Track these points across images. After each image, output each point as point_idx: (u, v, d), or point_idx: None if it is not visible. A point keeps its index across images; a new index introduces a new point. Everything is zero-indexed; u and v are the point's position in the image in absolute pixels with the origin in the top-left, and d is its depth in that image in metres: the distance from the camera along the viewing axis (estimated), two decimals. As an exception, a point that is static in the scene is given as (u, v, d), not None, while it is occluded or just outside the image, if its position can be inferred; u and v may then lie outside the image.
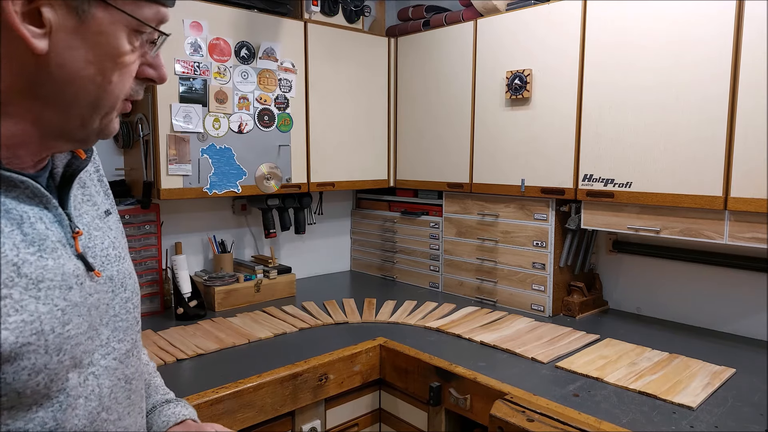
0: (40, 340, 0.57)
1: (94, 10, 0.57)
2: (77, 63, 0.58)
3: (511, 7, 2.20)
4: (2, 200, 0.58)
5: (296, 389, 1.64)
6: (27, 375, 0.55)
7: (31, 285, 0.57)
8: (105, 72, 0.60)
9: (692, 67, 1.69)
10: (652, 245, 2.17)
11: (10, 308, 0.54)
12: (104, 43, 0.59)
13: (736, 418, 1.36)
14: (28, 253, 0.58)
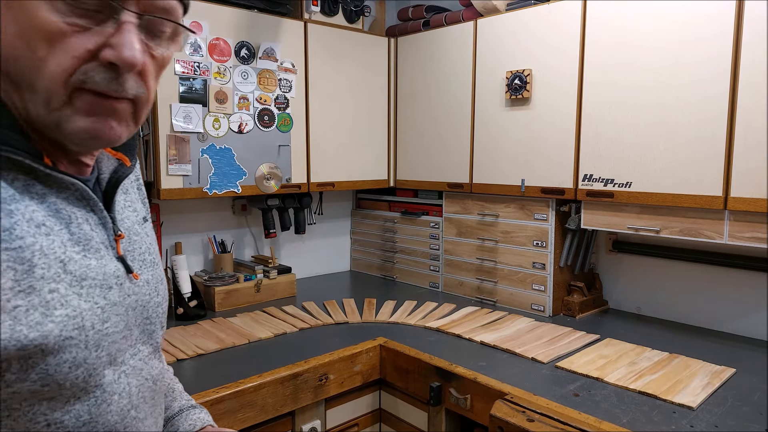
0: (81, 335, 0.58)
1: None
2: (7, 39, 0.55)
3: (511, 7, 2.20)
4: (54, 200, 0.60)
5: (296, 389, 1.65)
6: (68, 368, 0.57)
7: (75, 282, 0.59)
8: (34, 48, 0.55)
9: (692, 67, 1.69)
10: (652, 245, 2.17)
11: (57, 302, 0.56)
12: (27, 15, 0.54)
13: (736, 417, 1.36)
14: (74, 251, 0.60)
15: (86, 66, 0.56)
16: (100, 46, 0.56)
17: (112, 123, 0.60)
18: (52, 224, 0.58)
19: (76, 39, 0.55)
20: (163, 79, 1.92)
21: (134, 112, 0.62)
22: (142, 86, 0.61)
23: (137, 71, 0.59)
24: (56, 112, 0.57)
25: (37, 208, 0.58)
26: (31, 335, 0.53)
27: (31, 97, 0.57)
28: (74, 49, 0.55)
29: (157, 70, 0.63)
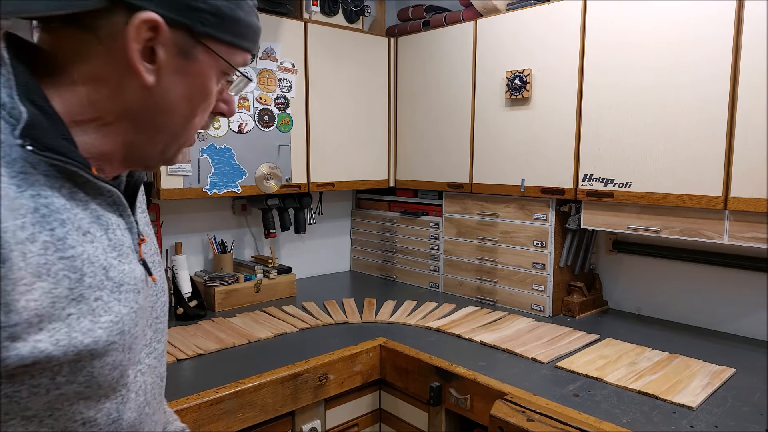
0: (121, 340, 0.61)
1: (198, 53, 0.64)
2: (175, 97, 0.64)
3: (511, 7, 2.20)
4: (94, 207, 0.62)
5: (296, 389, 1.65)
6: (108, 370, 0.60)
7: (115, 288, 0.61)
8: (194, 107, 0.67)
9: (692, 66, 1.69)
10: (652, 245, 2.17)
11: (101, 309, 0.59)
12: (199, 82, 0.65)
13: (736, 418, 1.36)
14: (112, 257, 0.62)
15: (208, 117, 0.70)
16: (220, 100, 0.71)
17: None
18: (95, 231, 0.61)
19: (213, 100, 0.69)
20: (163, 79, 1.92)
21: None
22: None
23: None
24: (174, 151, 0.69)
25: (83, 216, 0.60)
26: (85, 341, 0.56)
27: (162, 139, 0.67)
28: (210, 107, 0.69)
29: None
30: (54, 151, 0.57)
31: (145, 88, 0.62)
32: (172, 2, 0.60)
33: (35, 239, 0.53)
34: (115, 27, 0.59)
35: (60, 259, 0.55)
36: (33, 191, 0.55)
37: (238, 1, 0.65)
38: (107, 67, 0.61)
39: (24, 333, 0.52)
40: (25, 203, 0.54)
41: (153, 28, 0.59)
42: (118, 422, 0.64)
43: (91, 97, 0.62)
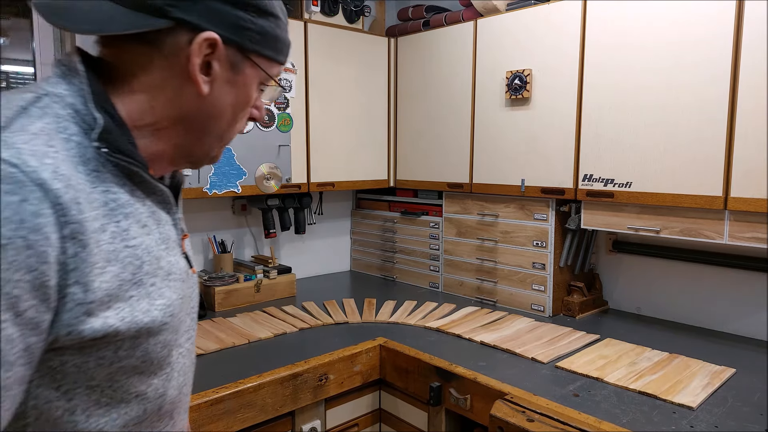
0: (172, 321, 0.70)
1: (245, 67, 0.73)
2: (224, 104, 0.73)
3: (511, 7, 2.20)
4: (149, 203, 0.71)
5: (296, 389, 1.65)
6: (159, 348, 0.68)
7: (165, 276, 0.70)
8: (237, 113, 0.76)
9: (692, 67, 1.69)
10: (652, 245, 2.17)
11: (156, 294, 0.67)
12: (244, 92, 0.75)
13: (736, 418, 1.36)
14: (162, 249, 0.70)
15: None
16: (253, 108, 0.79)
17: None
18: (150, 225, 0.69)
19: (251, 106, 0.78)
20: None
21: None
22: None
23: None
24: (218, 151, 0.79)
25: (142, 211, 0.69)
26: (144, 320, 0.65)
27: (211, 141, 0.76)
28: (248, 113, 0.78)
29: None
30: (123, 154, 0.65)
31: (200, 96, 0.70)
32: (227, 23, 0.68)
33: (105, 229, 0.62)
34: (178, 44, 0.67)
35: (125, 247, 0.64)
36: (103, 187, 0.63)
37: (277, 21, 0.74)
38: (167, 78, 0.69)
39: (97, 310, 0.59)
40: (97, 198, 0.62)
41: (211, 45, 0.68)
42: (163, 397, 0.72)
43: (150, 103, 0.70)
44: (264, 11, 0.72)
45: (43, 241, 0.54)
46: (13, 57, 2.12)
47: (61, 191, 0.57)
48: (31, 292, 0.54)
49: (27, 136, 0.58)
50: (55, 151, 0.59)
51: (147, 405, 0.70)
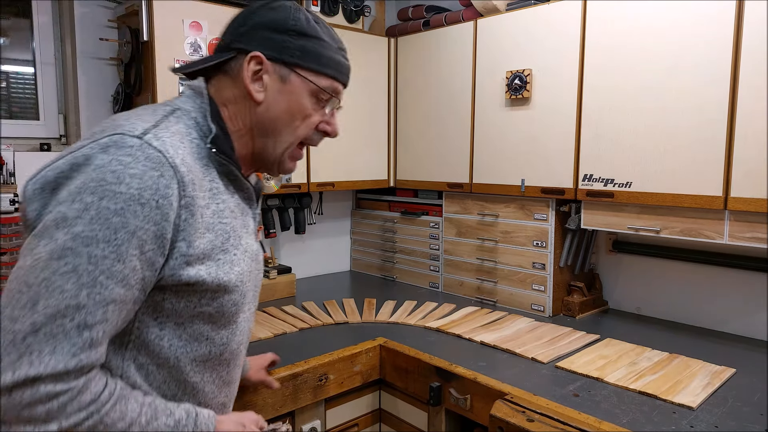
0: (242, 286, 0.92)
1: (292, 77, 0.93)
2: (278, 110, 0.93)
3: (511, 7, 2.20)
4: (238, 197, 0.95)
5: (296, 389, 1.64)
6: (231, 304, 0.91)
7: (243, 252, 0.93)
8: (293, 118, 0.94)
9: (692, 67, 1.69)
10: (652, 245, 2.17)
11: (235, 262, 0.90)
12: (294, 100, 0.93)
13: (736, 418, 1.36)
14: (243, 231, 0.94)
15: (312, 132, 0.98)
16: (321, 122, 0.99)
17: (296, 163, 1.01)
18: (237, 212, 0.94)
19: (313, 117, 0.96)
20: (164, 80, 1.92)
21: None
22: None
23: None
24: (282, 155, 0.97)
25: (232, 201, 0.93)
26: (224, 278, 0.87)
27: (275, 144, 0.95)
28: (313, 123, 0.97)
29: None
30: (225, 155, 0.90)
31: (258, 104, 0.92)
32: (272, 45, 0.91)
33: (209, 207, 0.86)
34: (238, 65, 0.92)
35: (220, 222, 0.88)
36: (210, 177, 0.88)
37: (320, 42, 0.94)
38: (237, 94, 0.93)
39: (194, 262, 0.83)
40: (205, 184, 0.87)
41: (259, 62, 0.91)
42: (225, 346, 0.94)
43: (232, 115, 0.94)
44: (304, 33, 0.92)
45: (168, 206, 0.78)
46: (13, 57, 2.12)
47: (185, 174, 0.81)
48: (153, 240, 0.77)
49: (169, 134, 0.83)
50: (184, 146, 0.84)
51: (212, 348, 0.92)
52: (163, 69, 1.93)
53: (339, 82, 0.98)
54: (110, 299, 0.74)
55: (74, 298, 0.71)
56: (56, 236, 0.72)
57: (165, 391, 0.89)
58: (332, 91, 0.97)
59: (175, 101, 0.92)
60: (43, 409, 0.70)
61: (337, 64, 0.97)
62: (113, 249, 0.73)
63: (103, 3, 2.18)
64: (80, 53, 2.15)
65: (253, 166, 0.99)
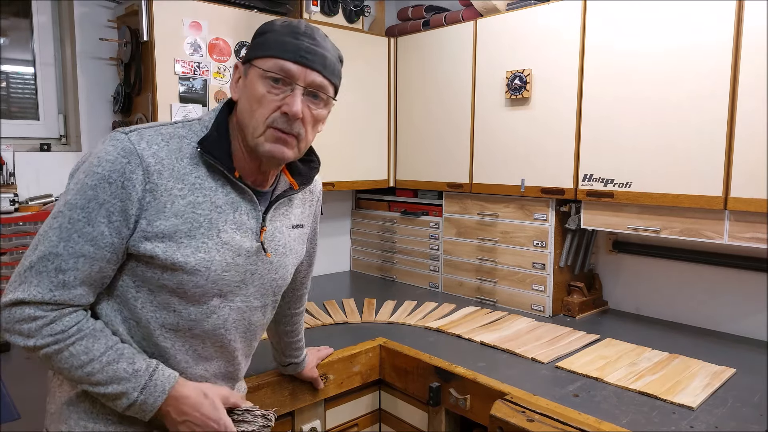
0: (207, 272, 0.99)
1: (250, 70, 1.02)
2: (243, 102, 1.03)
3: (511, 7, 2.20)
4: (234, 197, 1.04)
5: (296, 389, 1.64)
6: (191, 286, 0.99)
7: (220, 243, 1.01)
8: (251, 105, 1.01)
9: (692, 67, 1.69)
10: (652, 245, 2.17)
11: (201, 249, 0.99)
12: (251, 87, 1.01)
13: (736, 418, 1.36)
14: (230, 227, 1.02)
15: (274, 114, 1.00)
16: (282, 103, 1.00)
17: (284, 148, 1.02)
18: (225, 209, 1.02)
19: (272, 101, 1.00)
20: (164, 80, 1.92)
21: (297, 144, 1.04)
22: (302, 128, 1.03)
23: (299, 119, 1.01)
24: (256, 139, 1.01)
25: (221, 197, 1.01)
26: (181, 259, 0.97)
27: (247, 132, 1.02)
28: (271, 105, 1.00)
29: (313, 122, 1.05)
30: (211, 155, 0.99)
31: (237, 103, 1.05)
32: (245, 55, 1.04)
33: (185, 197, 0.97)
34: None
35: (192, 212, 0.98)
36: (196, 173, 0.99)
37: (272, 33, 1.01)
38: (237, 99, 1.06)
39: (152, 239, 0.95)
40: (189, 179, 0.98)
41: (236, 68, 1.06)
42: (194, 323, 1.02)
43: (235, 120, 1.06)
44: (262, 32, 1.03)
45: (132, 187, 0.93)
46: (13, 57, 2.12)
47: (151, 164, 0.94)
48: (119, 213, 0.93)
49: (155, 133, 0.98)
50: (167, 146, 0.98)
51: (180, 321, 1.01)
52: (163, 69, 1.93)
53: (284, 60, 0.98)
54: (80, 253, 0.92)
55: (55, 247, 0.92)
56: (59, 202, 0.95)
57: (144, 347, 1.01)
58: (278, 70, 0.98)
59: (204, 115, 1.08)
60: (25, 327, 0.92)
61: (281, 44, 0.99)
62: (85, 214, 0.92)
63: (103, 3, 2.18)
64: (80, 53, 2.15)
65: (255, 162, 1.06)
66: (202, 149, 0.98)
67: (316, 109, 1.04)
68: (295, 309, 1.45)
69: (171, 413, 0.99)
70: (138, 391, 0.96)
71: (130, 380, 0.95)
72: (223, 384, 1.14)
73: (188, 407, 1.00)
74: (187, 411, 1.00)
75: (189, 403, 1.00)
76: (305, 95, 1.01)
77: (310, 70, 1.00)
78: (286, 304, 1.42)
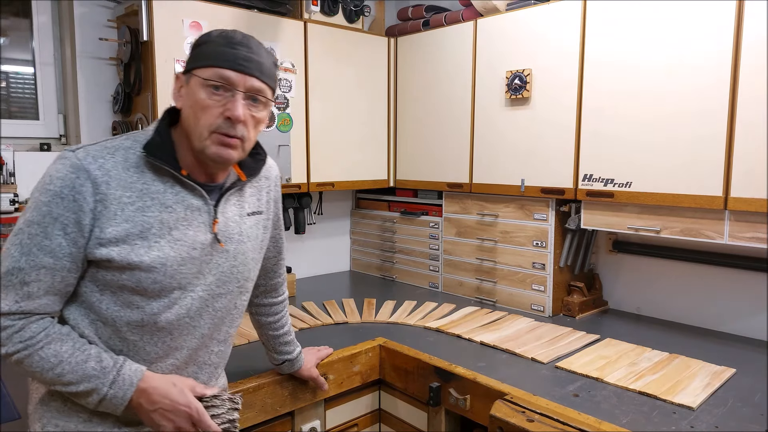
0: (163, 268, 1.05)
1: (191, 80, 1.08)
2: (187, 109, 1.09)
3: (511, 7, 2.20)
4: (184, 195, 1.09)
5: (296, 389, 1.64)
6: (150, 282, 1.04)
7: (172, 240, 1.06)
8: (195, 112, 1.07)
9: (692, 67, 1.69)
10: (652, 245, 2.17)
11: (155, 248, 1.04)
12: (193, 96, 1.07)
13: (736, 418, 1.36)
14: (181, 224, 1.08)
15: (218, 120, 1.06)
16: (224, 109, 1.06)
17: (229, 150, 1.08)
18: (176, 207, 1.07)
19: (215, 107, 1.06)
20: (164, 80, 1.92)
21: (242, 145, 1.10)
22: (245, 131, 1.09)
23: (241, 122, 1.07)
24: (203, 143, 1.07)
25: (171, 198, 1.07)
26: (136, 259, 1.02)
27: (194, 137, 1.08)
28: (213, 111, 1.06)
29: (255, 123, 1.12)
30: (155, 157, 1.05)
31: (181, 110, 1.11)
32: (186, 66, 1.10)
33: (134, 204, 1.03)
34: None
35: (142, 215, 1.04)
36: (143, 180, 1.05)
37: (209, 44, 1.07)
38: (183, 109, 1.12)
39: (106, 244, 1.01)
40: (137, 186, 1.05)
41: (177, 78, 1.12)
42: (158, 315, 1.07)
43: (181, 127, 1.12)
44: (198, 44, 1.09)
45: (83, 200, 1.00)
46: (13, 57, 2.12)
47: (99, 177, 1.01)
48: (73, 224, 1.00)
49: (100, 149, 1.05)
50: (113, 158, 1.04)
51: (144, 316, 1.06)
52: (163, 69, 1.93)
53: (223, 68, 1.05)
54: (41, 265, 0.99)
55: (17, 262, 0.99)
56: (20, 220, 1.02)
57: (113, 345, 1.07)
58: (218, 78, 1.05)
59: (149, 126, 1.14)
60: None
61: (220, 54, 1.06)
62: (42, 229, 0.99)
63: (102, 3, 2.18)
64: (80, 53, 2.15)
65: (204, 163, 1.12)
66: (146, 153, 1.05)
67: (257, 111, 1.11)
68: (272, 299, 1.50)
69: (143, 404, 1.05)
70: (107, 386, 1.02)
71: (99, 377, 1.02)
72: (202, 371, 1.20)
73: (158, 396, 1.06)
74: (158, 400, 1.05)
75: (158, 392, 1.06)
76: (245, 99, 1.08)
77: (249, 76, 1.07)
78: (261, 294, 1.48)
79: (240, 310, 1.26)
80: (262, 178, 1.30)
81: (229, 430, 1.12)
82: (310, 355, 1.65)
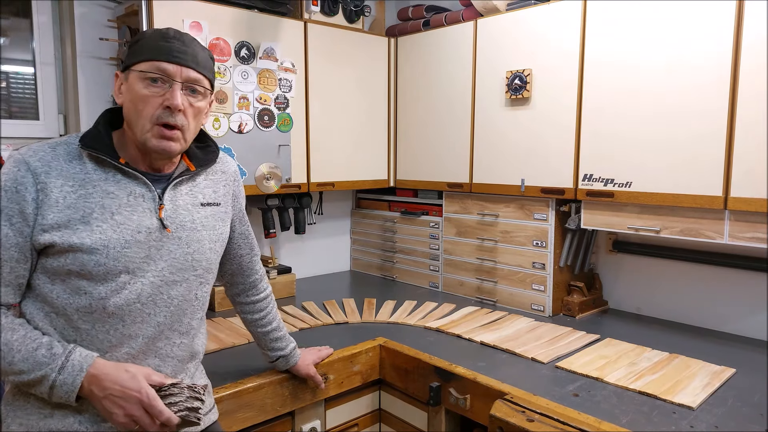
0: (105, 251, 1.07)
1: (129, 75, 1.12)
2: (128, 104, 1.13)
3: (511, 7, 2.20)
4: (126, 183, 1.12)
5: (296, 389, 1.64)
6: (93, 264, 1.06)
7: (115, 224, 1.09)
8: (136, 105, 1.11)
9: (693, 67, 1.69)
10: (652, 245, 2.17)
11: (97, 231, 1.07)
12: (132, 90, 1.11)
13: (736, 418, 1.36)
14: (125, 209, 1.11)
15: (158, 110, 1.10)
16: (163, 99, 1.10)
17: (170, 143, 1.12)
18: (118, 193, 1.11)
19: (154, 98, 1.10)
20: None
21: (183, 135, 1.14)
22: (185, 120, 1.13)
23: (180, 111, 1.11)
24: (145, 135, 1.11)
25: (113, 186, 1.11)
26: (76, 242, 1.05)
27: (136, 129, 1.12)
28: (153, 103, 1.10)
29: (195, 113, 1.15)
30: (92, 148, 1.10)
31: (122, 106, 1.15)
32: (124, 63, 1.14)
33: (76, 192, 1.08)
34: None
35: (84, 202, 1.08)
36: (86, 170, 1.10)
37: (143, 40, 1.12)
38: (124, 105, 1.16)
39: (49, 230, 1.05)
40: (79, 176, 1.09)
41: (117, 77, 1.17)
42: (105, 301, 1.08)
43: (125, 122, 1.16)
44: (134, 42, 1.13)
45: (24, 190, 1.05)
46: (13, 57, 2.12)
47: (39, 167, 1.06)
48: (18, 215, 1.05)
49: (42, 144, 1.11)
50: (53, 151, 1.10)
51: (92, 302, 1.07)
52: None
53: (160, 61, 1.09)
54: None
55: None
56: None
57: (67, 335, 1.09)
58: (155, 70, 1.09)
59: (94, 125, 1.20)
60: None
61: (155, 48, 1.10)
62: None
63: (103, 3, 2.18)
64: (80, 53, 2.15)
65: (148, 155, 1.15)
66: (82, 144, 1.09)
67: (196, 101, 1.14)
68: (254, 296, 1.50)
69: (94, 391, 1.04)
70: (56, 372, 1.02)
71: (49, 363, 1.03)
72: (165, 364, 1.18)
73: (108, 382, 1.05)
74: (108, 386, 1.04)
75: (109, 378, 1.05)
76: (184, 90, 1.12)
77: (185, 67, 1.11)
78: (242, 292, 1.50)
79: (201, 302, 1.25)
80: (219, 171, 1.31)
81: (188, 419, 1.09)
82: (309, 354, 1.65)
